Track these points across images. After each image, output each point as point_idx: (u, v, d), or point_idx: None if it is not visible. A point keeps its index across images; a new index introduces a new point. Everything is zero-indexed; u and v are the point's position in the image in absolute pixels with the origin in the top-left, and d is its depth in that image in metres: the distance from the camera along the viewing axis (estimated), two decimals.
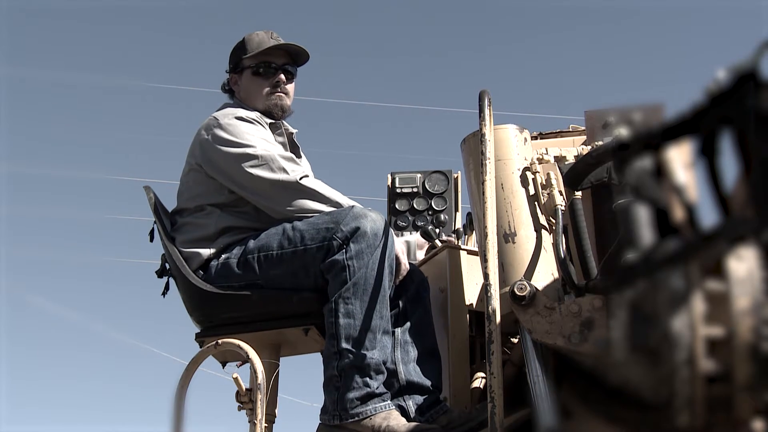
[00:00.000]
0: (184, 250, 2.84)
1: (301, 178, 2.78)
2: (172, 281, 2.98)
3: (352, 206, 2.74)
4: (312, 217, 2.74)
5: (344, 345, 2.58)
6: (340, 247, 2.63)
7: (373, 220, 2.66)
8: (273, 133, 2.98)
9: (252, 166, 2.79)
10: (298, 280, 2.72)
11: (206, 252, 2.81)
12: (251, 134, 2.86)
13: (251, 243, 2.77)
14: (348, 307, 2.60)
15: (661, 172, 1.17)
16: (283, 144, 3.00)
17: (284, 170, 2.79)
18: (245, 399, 2.61)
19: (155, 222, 2.97)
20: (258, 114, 2.98)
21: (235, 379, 2.61)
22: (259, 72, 3.06)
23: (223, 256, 2.80)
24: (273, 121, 3.02)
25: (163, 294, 2.99)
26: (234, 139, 2.84)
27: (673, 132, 1.15)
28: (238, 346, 2.67)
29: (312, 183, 2.80)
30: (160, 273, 2.97)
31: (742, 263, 1.06)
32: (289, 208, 2.77)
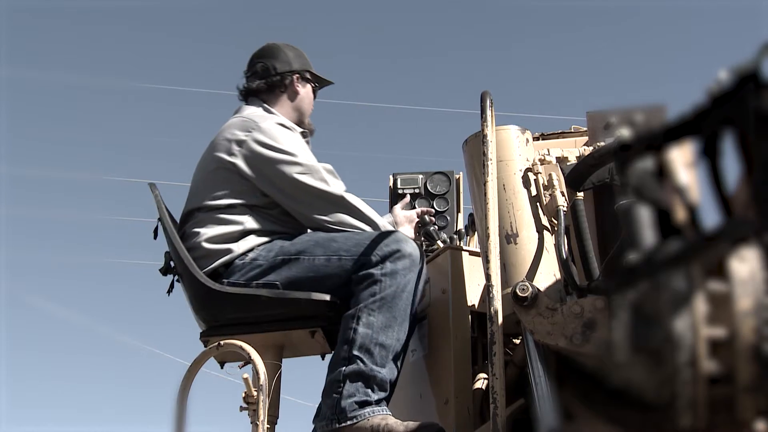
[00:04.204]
0: (209, 246, 2.82)
1: (344, 193, 2.85)
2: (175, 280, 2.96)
3: (395, 231, 2.82)
4: (348, 231, 2.80)
5: (356, 353, 2.59)
6: (377, 263, 2.67)
7: (413, 248, 2.72)
8: None
9: (296, 173, 2.82)
10: (320, 286, 2.73)
11: (232, 250, 2.80)
12: (293, 142, 2.90)
13: (283, 245, 2.79)
14: (370, 319, 2.62)
15: (662, 173, 1.17)
16: None
17: (326, 182, 2.84)
18: (252, 400, 2.61)
19: (159, 219, 2.95)
20: (291, 123, 3.06)
21: (245, 380, 2.61)
22: (315, 92, 3.20)
23: (249, 255, 2.80)
24: (302, 130, 3.11)
25: (168, 292, 2.97)
26: (277, 145, 2.86)
27: (674, 133, 1.15)
28: (241, 347, 2.67)
29: (354, 200, 2.86)
30: (165, 271, 2.94)
31: (745, 264, 1.06)
32: (328, 220, 2.82)
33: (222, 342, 2.71)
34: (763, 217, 1.06)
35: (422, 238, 3.38)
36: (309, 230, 2.91)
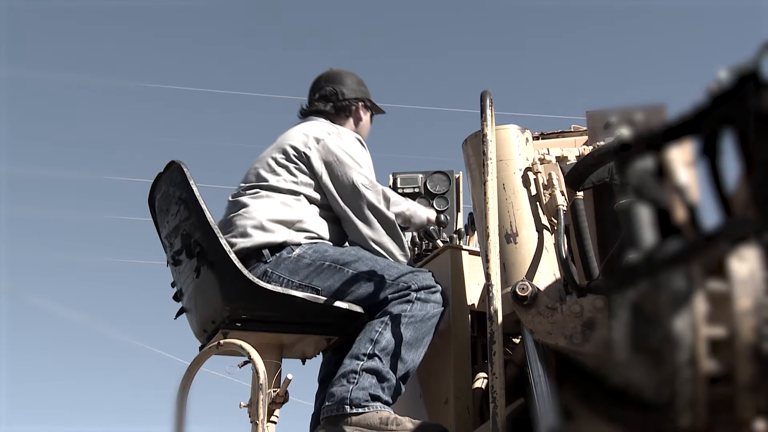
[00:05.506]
0: (266, 223, 2.87)
1: (396, 220, 2.99)
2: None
3: (430, 271, 2.94)
4: (386, 258, 2.92)
5: (378, 353, 2.69)
6: (416, 290, 2.79)
7: (443, 290, 2.87)
8: None
9: (362, 184, 2.96)
10: (355, 300, 2.82)
11: (283, 234, 2.87)
12: (366, 158, 3.09)
13: (328, 251, 2.87)
14: (397, 331, 2.73)
15: (662, 172, 1.17)
16: None
17: (383, 203, 2.98)
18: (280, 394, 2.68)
19: (183, 200, 2.84)
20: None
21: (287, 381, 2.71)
22: (371, 120, 3.37)
23: (296, 251, 2.85)
24: None
25: (196, 276, 2.83)
26: (352, 153, 3.02)
27: (674, 132, 1.15)
28: (240, 347, 2.66)
29: (400, 231, 3.02)
30: (189, 255, 2.84)
31: (744, 263, 1.06)
32: (372, 237, 2.94)
33: (222, 341, 2.70)
34: (763, 217, 1.06)
35: (422, 237, 3.38)
36: (347, 243, 3.00)
